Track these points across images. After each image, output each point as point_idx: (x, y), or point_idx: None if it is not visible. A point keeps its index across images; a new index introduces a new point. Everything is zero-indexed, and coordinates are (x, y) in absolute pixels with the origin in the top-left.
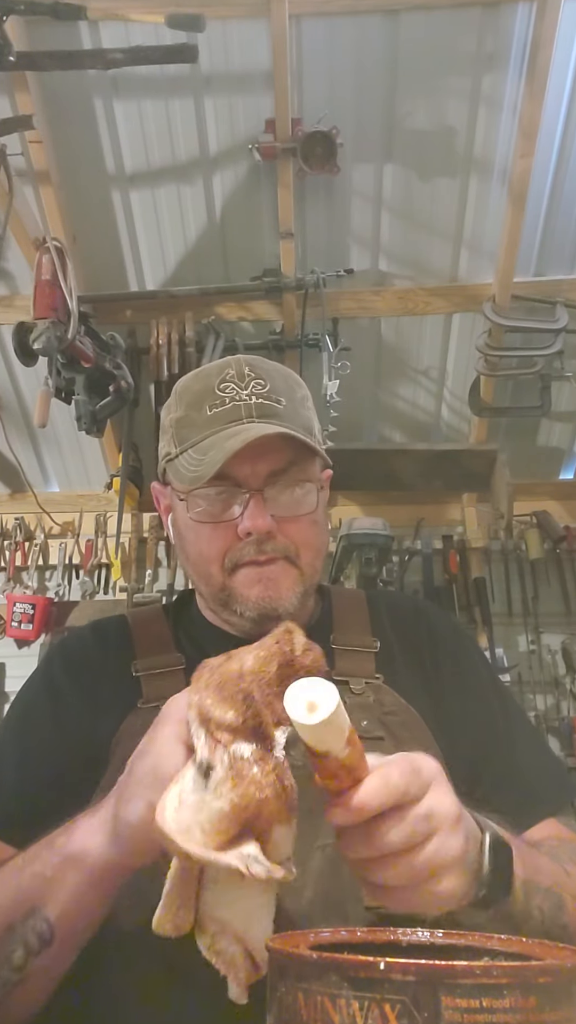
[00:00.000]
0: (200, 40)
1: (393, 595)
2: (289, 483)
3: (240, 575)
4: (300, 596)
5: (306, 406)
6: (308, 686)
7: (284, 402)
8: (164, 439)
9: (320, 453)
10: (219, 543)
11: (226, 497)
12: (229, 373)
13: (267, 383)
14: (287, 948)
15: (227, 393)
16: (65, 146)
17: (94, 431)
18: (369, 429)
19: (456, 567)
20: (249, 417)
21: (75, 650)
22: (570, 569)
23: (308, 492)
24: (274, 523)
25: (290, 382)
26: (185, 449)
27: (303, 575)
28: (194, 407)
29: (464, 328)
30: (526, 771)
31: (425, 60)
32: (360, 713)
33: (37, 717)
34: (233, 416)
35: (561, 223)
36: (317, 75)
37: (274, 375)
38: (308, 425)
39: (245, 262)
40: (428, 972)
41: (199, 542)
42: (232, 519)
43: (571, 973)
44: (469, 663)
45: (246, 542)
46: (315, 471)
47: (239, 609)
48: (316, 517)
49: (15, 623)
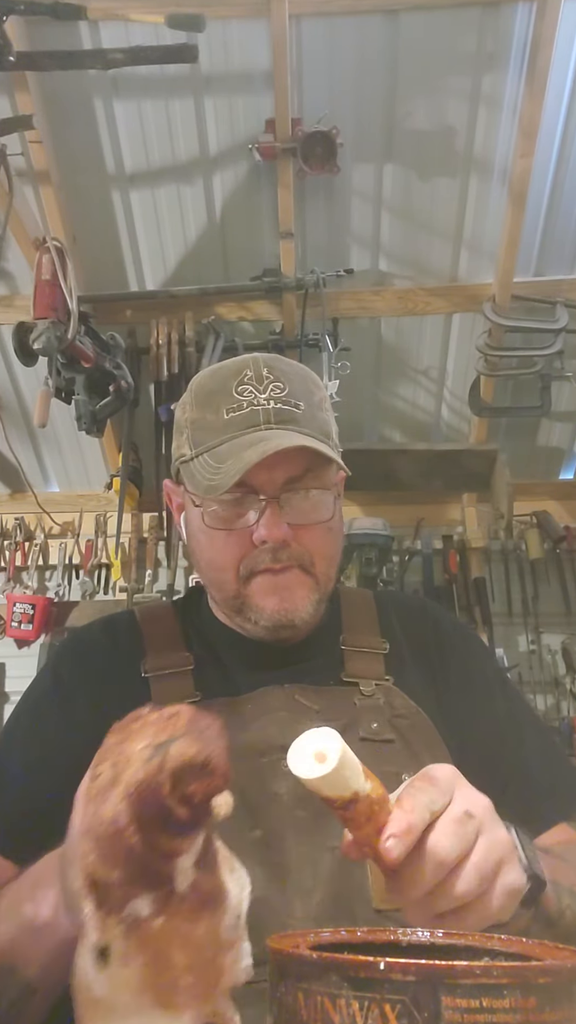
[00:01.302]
0: (200, 40)
1: (400, 595)
2: (305, 490)
3: (255, 584)
4: (315, 604)
5: (324, 408)
6: (302, 743)
7: (303, 406)
8: (179, 439)
9: (336, 460)
10: (234, 550)
11: (241, 504)
12: (247, 375)
13: (286, 386)
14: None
15: (244, 396)
16: (65, 146)
17: (94, 431)
18: (369, 429)
19: (456, 567)
20: (267, 423)
21: (84, 647)
22: (570, 569)
23: (324, 499)
24: (290, 531)
25: (308, 384)
26: (200, 453)
27: (318, 584)
28: (211, 408)
29: (464, 328)
30: (537, 775)
31: (425, 60)
32: (370, 715)
33: (45, 719)
34: (251, 421)
35: (561, 223)
36: (317, 75)
37: (292, 377)
38: (326, 429)
39: (245, 262)
40: (428, 972)
41: (213, 548)
42: (247, 526)
43: (571, 973)
44: (478, 664)
45: (261, 550)
46: (331, 477)
47: (253, 618)
48: (332, 525)
49: (15, 623)
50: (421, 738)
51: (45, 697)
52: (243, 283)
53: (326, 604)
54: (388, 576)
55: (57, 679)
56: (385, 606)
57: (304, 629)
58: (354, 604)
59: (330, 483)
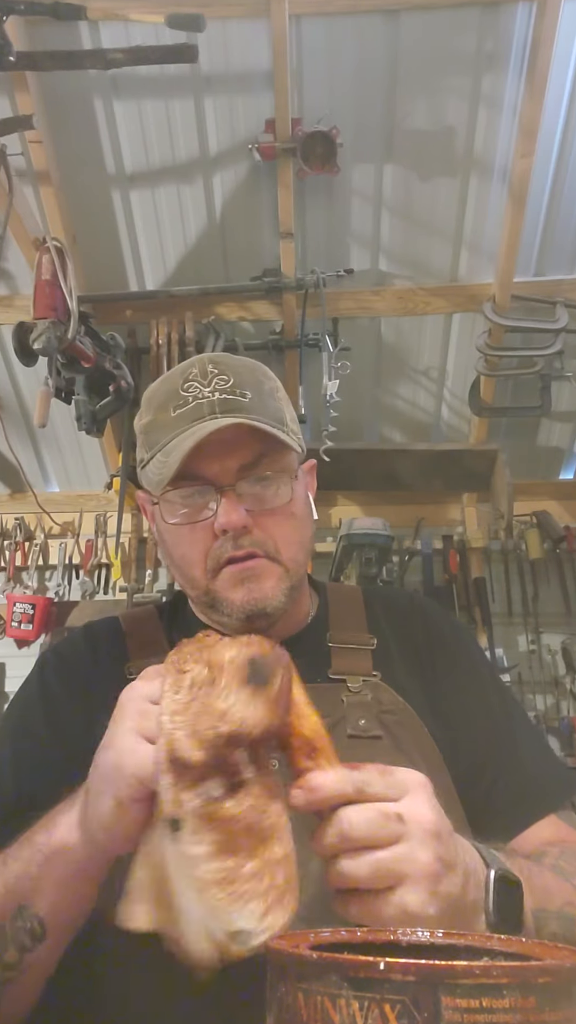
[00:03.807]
0: (200, 40)
1: (390, 592)
2: (261, 476)
3: (222, 577)
4: (286, 592)
5: (276, 397)
6: None
7: (250, 395)
8: (137, 446)
9: (288, 442)
10: (199, 545)
11: (200, 498)
12: (192, 372)
13: (231, 378)
14: (287, 948)
15: (190, 392)
16: (65, 146)
17: (94, 431)
18: (369, 429)
19: (456, 567)
20: (212, 414)
21: (67, 654)
22: (570, 569)
23: (282, 484)
24: (249, 518)
25: (257, 375)
26: (154, 454)
27: (287, 571)
28: (161, 410)
29: (464, 328)
30: (527, 767)
31: (425, 60)
32: (358, 711)
33: (31, 723)
34: (196, 415)
35: (561, 223)
36: (317, 75)
37: (239, 369)
38: (278, 416)
39: (245, 262)
40: (428, 972)
41: (180, 546)
42: (207, 518)
43: (571, 973)
44: (467, 659)
45: (223, 540)
46: (289, 462)
47: (225, 611)
48: (293, 509)
49: (15, 623)
50: (409, 734)
51: (32, 700)
52: (243, 283)
53: (315, 601)
54: (388, 576)
55: (43, 685)
56: (373, 602)
57: (279, 618)
58: (342, 601)
59: (288, 468)
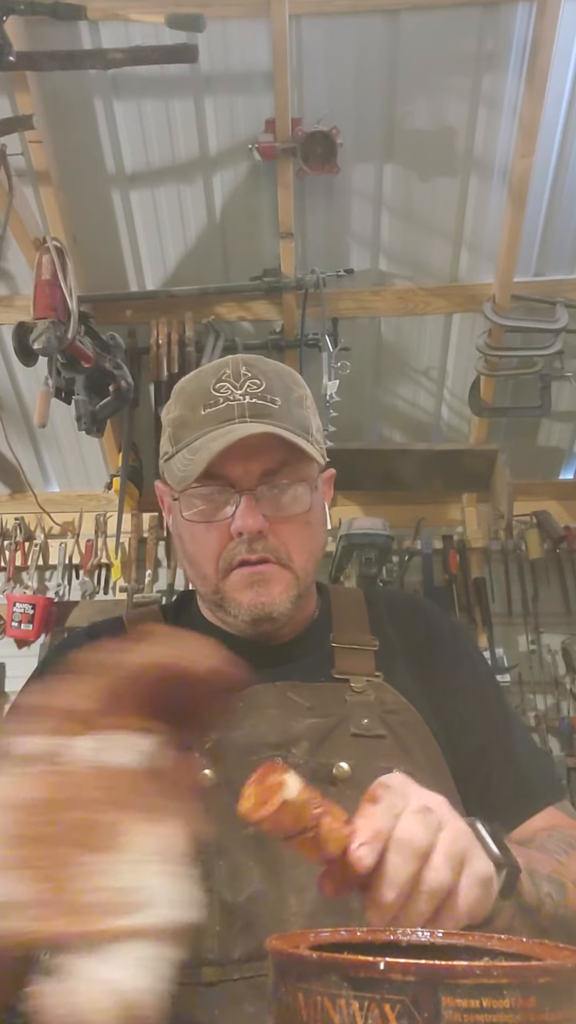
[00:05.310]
0: (200, 40)
1: (391, 593)
2: (281, 483)
3: (233, 578)
4: (293, 599)
5: (303, 405)
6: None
7: (279, 402)
8: (163, 438)
9: (312, 453)
10: (213, 544)
11: (220, 497)
12: (225, 373)
13: (263, 383)
14: (287, 948)
15: (221, 393)
16: (65, 146)
17: (94, 431)
18: (369, 429)
19: (456, 567)
20: (241, 417)
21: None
22: (570, 569)
23: (301, 492)
24: (266, 523)
25: (287, 381)
26: (180, 449)
27: (297, 579)
28: (189, 407)
29: (464, 328)
30: (524, 763)
31: (425, 60)
32: (361, 711)
33: None
34: (225, 416)
35: (561, 223)
36: (317, 75)
37: (271, 375)
38: (304, 424)
39: (245, 262)
40: (428, 972)
41: (194, 542)
42: (225, 519)
43: (571, 973)
44: (467, 660)
45: (238, 542)
46: (310, 471)
47: (233, 611)
48: (310, 518)
49: (15, 623)
50: (411, 733)
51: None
52: (243, 283)
53: (317, 602)
54: (388, 576)
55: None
56: (375, 603)
57: (285, 622)
58: (344, 602)
59: (308, 477)
